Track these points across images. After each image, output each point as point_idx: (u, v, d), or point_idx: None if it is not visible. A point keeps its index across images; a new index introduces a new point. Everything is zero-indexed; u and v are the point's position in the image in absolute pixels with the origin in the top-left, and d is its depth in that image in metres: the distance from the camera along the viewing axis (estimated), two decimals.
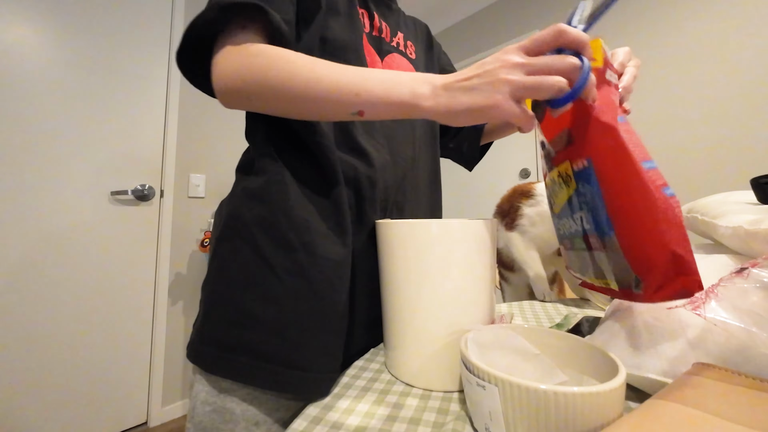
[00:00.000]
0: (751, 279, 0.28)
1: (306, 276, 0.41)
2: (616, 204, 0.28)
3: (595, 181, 0.30)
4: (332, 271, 0.42)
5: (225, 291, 0.42)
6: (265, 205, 0.43)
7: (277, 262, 0.41)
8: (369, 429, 0.29)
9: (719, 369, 0.23)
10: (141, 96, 1.60)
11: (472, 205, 2.50)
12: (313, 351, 0.39)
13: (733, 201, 0.46)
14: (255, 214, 0.43)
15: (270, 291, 0.40)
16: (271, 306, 0.40)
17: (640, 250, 0.27)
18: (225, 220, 0.45)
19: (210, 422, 0.39)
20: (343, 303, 0.42)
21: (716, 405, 0.19)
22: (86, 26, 1.47)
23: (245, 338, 0.39)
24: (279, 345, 0.39)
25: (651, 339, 0.30)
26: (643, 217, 0.27)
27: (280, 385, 0.38)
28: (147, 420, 1.57)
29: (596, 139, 0.29)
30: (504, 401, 0.24)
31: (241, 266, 0.41)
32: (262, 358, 0.39)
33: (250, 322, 0.40)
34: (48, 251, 1.34)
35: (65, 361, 1.36)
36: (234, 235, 0.43)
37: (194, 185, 1.74)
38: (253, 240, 0.42)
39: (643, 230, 0.27)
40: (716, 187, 1.49)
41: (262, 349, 0.39)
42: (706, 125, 1.56)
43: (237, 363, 0.39)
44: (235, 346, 0.39)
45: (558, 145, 0.35)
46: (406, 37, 0.62)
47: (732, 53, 1.51)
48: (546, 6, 2.16)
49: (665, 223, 0.26)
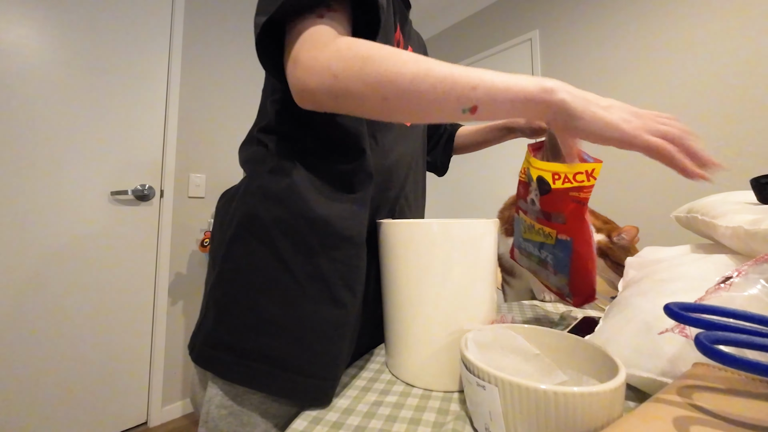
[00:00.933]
0: (735, 288, 0.28)
1: (326, 281, 0.39)
2: (576, 266, 0.45)
3: (569, 252, 0.44)
4: (352, 277, 0.41)
5: (241, 294, 0.40)
6: (285, 207, 0.41)
7: (296, 267, 0.39)
8: (369, 429, 0.29)
9: (719, 369, 0.23)
10: (141, 96, 1.60)
11: (472, 206, 2.50)
12: (329, 359, 0.38)
13: (733, 201, 0.46)
14: (274, 216, 0.41)
15: (289, 296, 0.39)
16: (290, 311, 0.38)
17: (580, 286, 0.46)
18: (240, 219, 0.42)
19: (226, 426, 0.38)
20: (359, 308, 0.42)
21: (715, 405, 0.19)
22: (86, 26, 1.47)
23: (263, 344, 0.38)
24: (298, 352, 0.38)
25: (651, 339, 0.30)
26: (588, 276, 0.45)
27: (297, 394, 0.37)
28: (147, 420, 1.57)
29: (581, 235, 0.43)
30: (504, 401, 0.24)
31: (259, 269, 0.40)
32: (280, 366, 0.37)
33: (268, 327, 0.38)
34: (48, 251, 1.34)
35: (65, 361, 1.36)
36: (250, 236, 0.41)
37: (194, 185, 1.74)
38: (272, 242, 0.40)
39: (585, 280, 0.45)
40: (716, 187, 1.49)
41: (280, 357, 0.37)
42: (706, 125, 1.56)
43: (254, 370, 0.37)
44: (252, 353, 0.38)
45: (551, 217, 0.45)
46: (414, 51, 0.60)
47: (732, 53, 1.51)
48: (546, 7, 2.16)
49: (594, 276, 0.45)
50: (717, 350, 0.19)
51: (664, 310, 0.23)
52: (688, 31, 1.63)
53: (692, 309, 0.23)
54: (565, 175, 0.39)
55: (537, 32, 2.20)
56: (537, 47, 2.19)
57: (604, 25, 1.91)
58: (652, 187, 1.69)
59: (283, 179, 0.42)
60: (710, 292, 0.28)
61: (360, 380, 0.38)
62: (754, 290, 0.28)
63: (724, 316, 0.23)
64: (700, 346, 0.19)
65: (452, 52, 2.70)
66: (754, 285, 0.28)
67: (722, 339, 0.20)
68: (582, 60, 1.98)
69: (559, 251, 0.46)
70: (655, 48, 1.73)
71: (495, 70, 0.34)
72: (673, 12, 1.68)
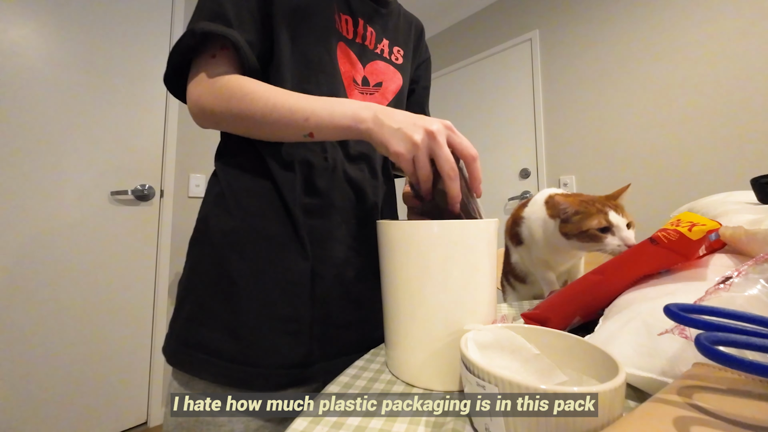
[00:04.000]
0: (735, 288, 0.28)
1: (263, 282, 0.45)
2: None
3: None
4: (289, 279, 0.46)
5: (192, 290, 0.47)
6: (230, 215, 0.47)
7: (237, 268, 0.45)
8: (369, 429, 0.29)
9: (719, 369, 0.23)
10: (141, 96, 1.60)
11: None
12: (263, 350, 0.44)
13: (733, 201, 0.46)
14: (221, 222, 0.47)
15: (229, 293, 0.44)
16: (228, 306, 0.44)
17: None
18: (196, 224, 0.50)
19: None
20: (298, 307, 0.46)
21: (715, 405, 0.19)
22: (86, 26, 1.47)
23: (203, 335, 0.44)
24: (232, 343, 0.43)
25: (651, 339, 0.30)
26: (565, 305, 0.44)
27: (231, 381, 0.43)
28: (147, 420, 1.57)
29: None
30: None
31: (207, 269, 0.46)
32: (216, 355, 0.43)
33: (208, 320, 0.44)
34: (48, 251, 1.34)
35: (65, 361, 1.36)
36: (203, 239, 0.48)
37: (194, 185, 1.74)
38: (219, 246, 0.46)
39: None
40: (716, 187, 1.49)
41: (216, 346, 0.43)
42: (706, 125, 1.56)
43: (194, 358, 0.43)
44: (194, 342, 0.44)
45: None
46: (394, 43, 0.62)
47: (732, 53, 1.51)
48: (546, 7, 2.16)
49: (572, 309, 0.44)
50: (717, 351, 0.19)
51: (664, 311, 0.23)
52: (688, 31, 1.63)
53: (692, 310, 0.23)
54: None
55: (537, 32, 2.20)
56: (537, 47, 2.19)
57: (603, 25, 1.91)
58: (651, 187, 1.69)
59: (229, 188, 0.49)
60: (710, 293, 0.28)
61: (360, 380, 0.38)
62: (754, 290, 0.28)
63: (724, 317, 0.23)
64: (700, 347, 0.19)
65: (452, 52, 2.70)
66: (754, 285, 0.28)
67: (722, 340, 0.20)
68: (582, 60, 1.98)
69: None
70: (654, 48, 1.73)
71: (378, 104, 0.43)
72: (673, 12, 1.68)
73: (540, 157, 2.13)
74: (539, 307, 0.44)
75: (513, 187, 2.25)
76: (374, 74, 0.58)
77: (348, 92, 0.54)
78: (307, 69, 0.49)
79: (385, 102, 0.60)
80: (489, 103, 2.44)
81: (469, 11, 2.59)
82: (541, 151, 2.13)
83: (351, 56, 0.54)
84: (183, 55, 0.46)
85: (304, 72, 0.49)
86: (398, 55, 0.62)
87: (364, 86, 0.57)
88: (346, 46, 0.54)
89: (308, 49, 0.50)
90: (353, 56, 0.55)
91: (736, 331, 0.21)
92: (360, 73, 0.56)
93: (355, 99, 0.54)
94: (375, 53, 0.58)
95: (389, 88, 0.60)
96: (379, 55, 0.59)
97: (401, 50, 0.63)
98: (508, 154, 2.29)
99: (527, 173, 2.20)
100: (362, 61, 0.56)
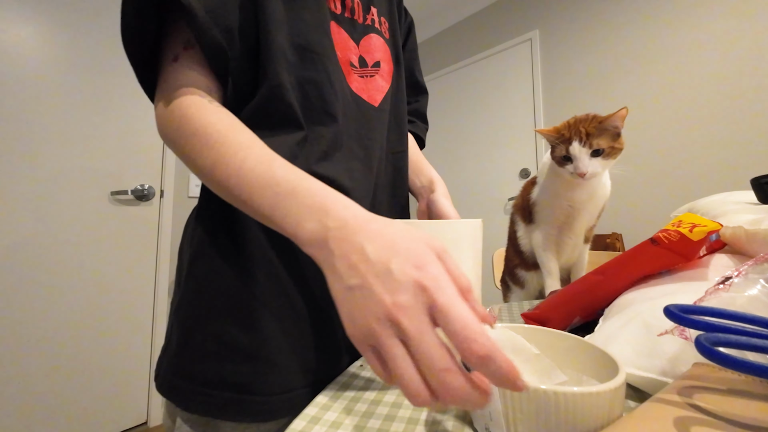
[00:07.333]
0: (734, 288, 0.28)
1: (290, 300, 0.39)
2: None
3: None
4: (316, 289, 0.40)
5: (204, 318, 0.37)
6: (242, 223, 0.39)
7: (260, 284, 0.38)
8: (368, 428, 0.29)
9: (719, 369, 0.23)
10: (141, 96, 1.60)
11: (472, 205, 2.50)
12: (294, 371, 0.38)
13: (733, 201, 0.46)
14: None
15: (252, 316, 0.37)
16: (251, 332, 0.37)
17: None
18: (201, 236, 0.40)
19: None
20: (320, 318, 0.41)
21: (715, 405, 0.19)
22: (86, 26, 1.47)
23: (227, 371, 0.36)
24: (260, 371, 0.36)
25: (651, 339, 0.30)
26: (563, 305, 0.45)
27: (270, 414, 0.36)
28: (147, 420, 1.57)
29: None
30: (504, 401, 0.24)
31: (223, 290, 0.37)
32: (246, 391, 0.36)
33: (231, 353, 0.36)
34: (48, 251, 1.34)
35: (65, 361, 1.36)
36: (215, 253, 0.38)
37: (194, 185, 1.74)
38: (236, 261, 0.38)
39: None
40: (716, 187, 1.49)
41: (244, 381, 0.36)
42: (706, 125, 1.56)
43: (220, 399, 0.35)
44: (217, 381, 0.36)
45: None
46: (380, 13, 0.53)
47: (732, 53, 1.51)
48: (546, 7, 2.16)
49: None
50: (718, 352, 0.19)
51: (664, 312, 0.23)
52: (688, 32, 1.63)
53: (692, 311, 0.23)
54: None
55: (537, 32, 2.20)
56: (537, 47, 2.19)
57: (603, 25, 1.91)
58: (651, 187, 1.69)
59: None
60: (710, 293, 0.28)
61: (359, 380, 0.38)
62: (754, 290, 0.28)
63: (724, 318, 0.23)
64: (700, 348, 0.19)
65: (452, 52, 2.70)
66: (754, 285, 0.28)
67: (722, 341, 0.20)
68: (582, 60, 1.98)
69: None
70: (654, 48, 1.73)
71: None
72: (673, 12, 1.68)
73: (540, 157, 2.13)
74: (539, 307, 0.44)
75: (513, 187, 2.25)
76: (370, 52, 0.49)
77: (347, 79, 0.46)
78: (303, 58, 0.41)
79: (386, 86, 0.51)
80: (489, 103, 2.44)
81: (470, 11, 2.59)
82: (541, 151, 2.13)
83: (343, 35, 0.46)
84: (139, 47, 0.36)
85: (299, 61, 0.41)
86: (385, 27, 0.54)
87: (362, 68, 0.48)
88: (337, 24, 0.46)
89: (304, 33, 0.42)
90: (345, 34, 0.47)
91: (736, 332, 0.21)
92: (355, 53, 0.47)
93: (354, 84, 0.46)
94: (366, 25, 0.50)
95: (385, 69, 0.51)
96: (370, 26, 0.50)
97: (387, 22, 0.55)
98: (508, 154, 2.29)
99: (527, 173, 2.20)
100: (354, 38, 0.48)
